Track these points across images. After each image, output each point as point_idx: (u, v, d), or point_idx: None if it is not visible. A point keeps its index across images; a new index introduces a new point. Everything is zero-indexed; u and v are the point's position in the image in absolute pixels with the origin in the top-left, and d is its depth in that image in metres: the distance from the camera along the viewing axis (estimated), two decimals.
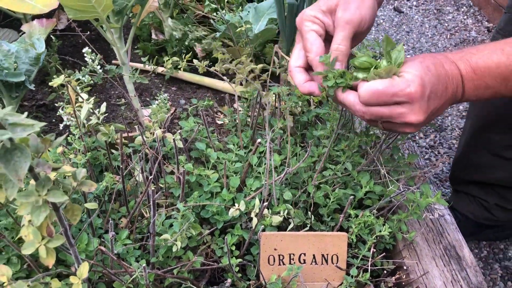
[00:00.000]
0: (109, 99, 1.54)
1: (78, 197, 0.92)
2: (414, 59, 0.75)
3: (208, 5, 1.30)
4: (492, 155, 1.47)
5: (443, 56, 0.78)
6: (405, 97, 0.72)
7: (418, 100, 0.73)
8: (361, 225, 0.93)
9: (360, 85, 0.74)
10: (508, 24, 1.32)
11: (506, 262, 1.65)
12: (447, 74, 0.76)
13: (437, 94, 0.75)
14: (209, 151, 1.07)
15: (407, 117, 0.74)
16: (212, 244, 0.97)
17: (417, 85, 0.71)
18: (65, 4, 1.11)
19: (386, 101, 0.73)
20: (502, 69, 0.76)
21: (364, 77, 0.74)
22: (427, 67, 0.74)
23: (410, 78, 0.72)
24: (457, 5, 3.33)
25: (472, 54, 0.78)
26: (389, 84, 0.72)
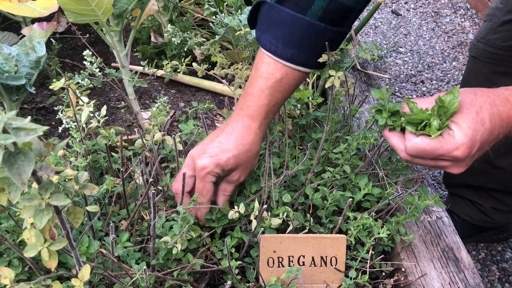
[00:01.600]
0: (109, 102, 1.55)
1: (79, 200, 0.92)
2: (471, 105, 0.73)
3: (207, 8, 1.31)
4: (483, 162, 1.47)
5: (503, 101, 0.75)
6: (451, 158, 0.72)
7: (464, 160, 0.73)
8: (359, 227, 0.93)
9: (408, 138, 0.75)
10: (490, 33, 1.33)
11: (503, 264, 1.66)
12: (502, 124, 0.75)
13: (485, 145, 0.75)
14: None
15: (449, 169, 0.76)
16: (212, 247, 0.98)
17: (465, 148, 0.71)
18: (65, 7, 1.12)
19: (431, 158, 0.74)
20: None
21: (413, 131, 0.74)
22: (482, 122, 0.72)
23: (460, 141, 0.71)
24: (454, 8, 3.35)
25: None
26: (437, 145, 0.71)
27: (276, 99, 0.93)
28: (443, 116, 0.72)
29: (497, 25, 1.30)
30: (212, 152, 0.91)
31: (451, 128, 0.72)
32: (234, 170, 0.93)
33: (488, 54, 1.33)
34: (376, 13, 3.33)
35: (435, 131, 0.71)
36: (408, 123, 0.75)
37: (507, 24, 1.28)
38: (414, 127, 0.74)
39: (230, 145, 0.91)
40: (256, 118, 0.94)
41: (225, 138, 0.92)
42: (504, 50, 1.30)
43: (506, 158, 1.43)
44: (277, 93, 0.93)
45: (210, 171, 0.90)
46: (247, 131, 0.93)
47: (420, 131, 0.73)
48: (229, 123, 0.95)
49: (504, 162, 1.44)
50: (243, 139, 0.92)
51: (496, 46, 1.31)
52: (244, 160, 0.93)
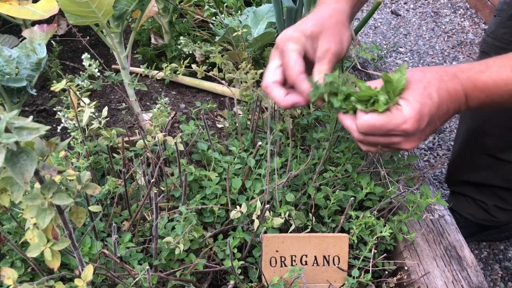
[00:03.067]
0: (110, 103, 1.55)
1: (81, 201, 0.92)
2: (419, 81, 0.75)
3: (207, 9, 1.32)
4: (487, 157, 1.47)
5: (450, 77, 0.77)
6: (401, 132, 0.73)
7: (414, 133, 0.74)
8: (362, 226, 0.93)
9: (359, 116, 0.75)
10: (499, 27, 1.33)
11: (506, 262, 1.65)
12: (450, 98, 0.76)
13: (436, 119, 0.76)
14: (210, 152, 1.07)
15: (402, 145, 0.77)
16: (214, 247, 0.98)
17: (413, 121, 0.72)
18: (66, 9, 1.12)
19: (382, 134, 0.75)
20: (510, 87, 0.76)
21: (362, 109, 0.75)
22: (429, 96, 0.74)
23: (407, 114, 0.72)
24: (454, 7, 3.35)
25: (481, 73, 0.78)
26: (386, 120, 0.73)
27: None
28: (391, 93, 0.73)
29: (506, 19, 1.31)
30: (294, 26, 0.84)
31: (399, 104, 0.73)
32: (320, 38, 0.82)
33: (497, 49, 1.34)
34: (375, 13, 3.33)
35: (382, 105, 0.72)
36: (358, 101, 0.75)
37: None
38: (364, 105, 0.75)
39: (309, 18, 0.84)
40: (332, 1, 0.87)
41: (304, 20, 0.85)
42: None
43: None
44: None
45: (290, 37, 0.81)
46: (326, 6, 0.87)
47: (369, 108, 0.74)
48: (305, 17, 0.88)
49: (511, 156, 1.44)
50: (323, 12, 0.85)
51: (504, 40, 1.31)
52: (327, 24, 0.83)
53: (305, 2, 1.44)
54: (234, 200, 1.02)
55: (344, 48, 0.85)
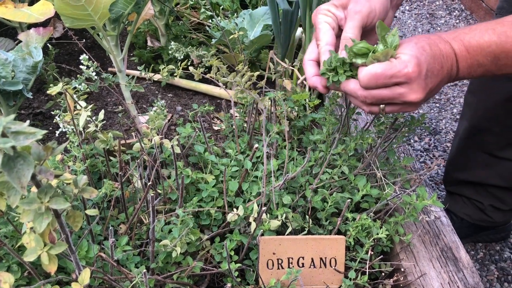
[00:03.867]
0: (106, 106, 1.55)
1: (77, 204, 0.92)
2: (409, 40, 0.78)
3: (203, 12, 1.32)
4: (486, 154, 1.48)
5: (437, 37, 0.81)
6: (404, 77, 0.75)
7: (416, 79, 0.76)
8: (358, 228, 0.94)
9: (360, 70, 0.77)
10: None
11: (502, 263, 1.66)
12: (442, 54, 0.79)
13: (434, 73, 0.78)
14: (207, 155, 1.07)
15: (407, 97, 0.77)
16: (211, 250, 0.98)
17: (413, 65, 0.74)
18: (62, 12, 1.12)
19: (385, 83, 0.76)
20: (493, 48, 0.79)
21: (363, 63, 0.77)
22: (422, 47, 0.76)
23: (406, 59, 0.74)
24: (449, 9, 3.37)
25: (465, 34, 0.81)
26: (387, 66, 0.75)
27: None
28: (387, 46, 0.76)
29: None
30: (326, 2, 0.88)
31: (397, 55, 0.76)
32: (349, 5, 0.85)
33: None
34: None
35: (383, 51, 0.75)
36: (356, 56, 0.77)
37: None
38: (364, 58, 0.76)
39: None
40: None
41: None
42: None
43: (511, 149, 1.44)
44: None
45: (321, 9, 0.85)
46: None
47: (369, 60, 0.76)
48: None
49: (511, 152, 1.45)
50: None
51: None
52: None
53: (301, 5, 1.44)
54: (231, 202, 1.02)
55: (376, 13, 0.85)
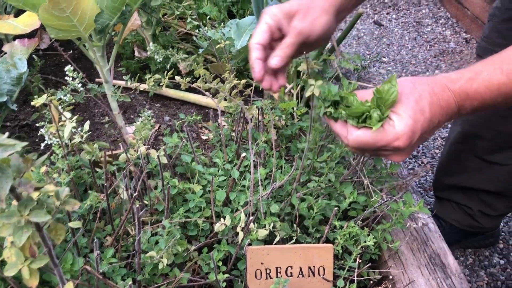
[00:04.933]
0: (93, 117, 1.54)
1: (62, 217, 0.91)
2: (410, 94, 0.74)
3: (190, 22, 1.32)
4: (478, 159, 1.49)
5: (441, 89, 0.76)
6: (393, 148, 0.73)
7: (405, 149, 0.74)
8: (346, 236, 0.94)
9: (350, 131, 0.75)
10: (492, 32, 1.36)
11: (491, 269, 1.67)
12: (442, 112, 0.75)
13: (426, 134, 0.76)
14: (194, 165, 1.07)
15: (391, 158, 0.77)
16: (199, 260, 0.97)
17: (406, 138, 0.72)
18: (47, 23, 1.11)
19: (373, 149, 0.75)
20: (503, 89, 0.75)
21: (355, 125, 0.74)
22: (421, 111, 0.73)
23: (400, 131, 0.71)
24: (435, 17, 3.41)
25: (472, 80, 0.76)
26: (378, 136, 0.72)
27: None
28: (383, 106, 0.72)
29: (498, 24, 1.33)
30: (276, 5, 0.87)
31: (391, 118, 0.73)
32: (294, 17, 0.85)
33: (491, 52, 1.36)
34: (358, 24, 3.37)
35: (376, 123, 0.72)
36: (349, 116, 0.75)
37: (506, 23, 1.31)
38: (355, 120, 0.74)
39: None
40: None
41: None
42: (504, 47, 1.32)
43: (503, 153, 1.45)
44: None
45: (268, 11, 0.85)
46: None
47: (361, 124, 0.74)
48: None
49: (501, 157, 1.46)
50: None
51: (497, 44, 1.34)
52: (306, 6, 0.85)
53: None
54: (219, 212, 1.01)
55: (314, 31, 0.85)
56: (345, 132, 0.77)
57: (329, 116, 0.78)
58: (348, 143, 0.76)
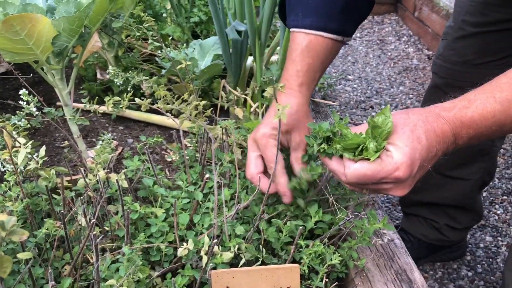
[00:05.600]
0: (54, 141, 1.50)
1: (15, 247, 0.87)
2: (405, 123, 0.74)
3: (151, 43, 1.31)
4: (438, 175, 1.52)
5: (435, 117, 0.76)
6: (393, 179, 0.72)
7: (405, 180, 0.73)
8: (312, 255, 0.92)
9: (347, 165, 0.74)
10: (446, 50, 1.40)
11: (460, 281, 1.68)
12: (438, 140, 0.75)
13: (425, 164, 0.75)
14: (156, 188, 1.04)
15: (393, 192, 0.76)
16: (162, 287, 0.94)
17: (406, 167, 0.71)
18: (1, 47, 1.08)
19: (373, 182, 0.74)
20: (498, 117, 0.74)
21: (351, 158, 0.73)
22: (418, 139, 0.72)
23: (399, 160, 0.71)
24: (398, 35, 3.50)
25: (466, 109, 0.75)
26: (377, 168, 0.71)
27: (307, 64, 0.96)
28: (378, 137, 0.71)
29: (451, 42, 1.37)
30: (266, 123, 0.95)
31: (388, 149, 0.72)
32: (292, 133, 0.95)
33: (446, 70, 1.40)
34: None
35: (373, 153, 0.71)
36: (344, 150, 0.74)
37: (459, 41, 1.35)
38: (352, 153, 0.73)
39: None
40: (292, 85, 0.96)
41: (272, 112, 0.95)
42: (460, 65, 1.36)
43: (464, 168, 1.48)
44: (306, 58, 0.95)
45: (270, 134, 0.93)
46: (288, 97, 0.95)
47: (358, 157, 0.72)
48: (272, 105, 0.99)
49: (462, 173, 1.49)
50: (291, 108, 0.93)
51: (452, 62, 1.37)
52: (296, 119, 0.94)
53: (250, 34, 1.46)
54: (183, 236, 0.99)
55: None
56: (342, 168, 0.76)
57: (322, 154, 0.77)
58: (346, 178, 0.75)
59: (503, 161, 2.21)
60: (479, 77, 1.18)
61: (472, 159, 1.47)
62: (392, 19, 3.73)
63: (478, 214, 1.61)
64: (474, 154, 1.46)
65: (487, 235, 1.85)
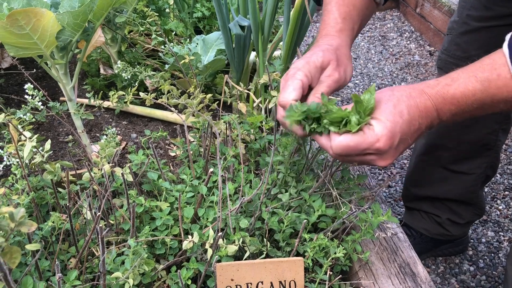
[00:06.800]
0: (58, 136, 1.50)
1: (22, 239, 0.88)
2: (388, 99, 0.77)
3: (155, 38, 1.31)
4: (442, 169, 1.52)
5: (418, 92, 0.79)
6: (375, 150, 0.75)
7: (387, 151, 0.76)
8: (316, 248, 0.93)
9: (333, 138, 0.77)
10: (451, 45, 1.40)
11: (462, 276, 1.69)
12: (421, 114, 0.78)
13: (407, 138, 0.78)
14: (160, 182, 1.05)
15: (376, 163, 0.78)
16: (167, 280, 0.94)
17: (386, 139, 0.74)
18: (5, 41, 1.08)
19: (357, 153, 0.77)
20: (478, 96, 0.78)
21: (336, 131, 0.76)
22: (400, 113, 0.76)
23: (379, 132, 0.74)
24: (400, 31, 3.49)
25: (448, 86, 0.79)
26: (359, 139, 0.75)
27: (345, 12, 0.95)
28: (362, 113, 0.75)
29: (456, 37, 1.37)
30: (304, 57, 0.90)
31: (370, 124, 0.75)
32: (326, 68, 0.90)
33: (450, 65, 1.40)
34: None
35: (355, 126, 0.74)
36: (330, 124, 0.77)
37: (464, 36, 1.35)
38: (337, 127, 0.76)
39: (318, 49, 0.90)
40: (330, 31, 0.94)
41: (313, 51, 0.91)
42: (464, 60, 1.36)
43: (467, 162, 1.48)
44: (342, 7, 0.95)
45: (301, 67, 0.87)
46: (330, 39, 0.93)
47: (342, 129, 0.76)
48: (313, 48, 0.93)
49: (465, 167, 1.49)
50: (329, 43, 0.92)
51: (456, 57, 1.38)
52: (334, 56, 0.90)
53: (253, 29, 1.46)
54: (187, 230, 0.99)
55: (347, 78, 0.92)
56: (329, 143, 0.79)
57: (313, 132, 0.80)
58: (332, 149, 0.78)
59: (505, 157, 2.21)
60: None
61: (476, 153, 1.47)
62: (394, 15, 3.73)
63: (480, 209, 1.61)
64: (478, 149, 1.46)
65: (489, 230, 1.86)
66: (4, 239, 0.51)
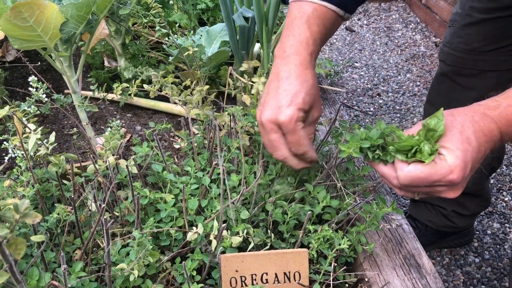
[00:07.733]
0: (62, 129, 1.51)
1: (28, 231, 0.88)
2: (453, 125, 0.73)
3: (158, 30, 1.31)
4: None
5: (481, 116, 0.75)
6: (447, 182, 0.71)
7: (459, 182, 0.72)
8: (320, 240, 0.93)
9: (400, 167, 0.73)
10: (453, 37, 1.39)
11: (467, 267, 1.68)
12: (486, 139, 0.74)
13: (476, 164, 0.74)
14: (165, 174, 1.05)
15: (445, 194, 0.75)
16: (172, 271, 0.95)
17: (459, 170, 0.70)
18: (9, 34, 1.08)
19: (426, 185, 0.73)
20: None
21: (404, 160, 0.72)
22: (468, 140, 0.72)
23: (452, 163, 0.70)
24: (405, 22, 3.47)
25: (510, 107, 0.75)
26: (431, 170, 0.70)
27: (315, 32, 0.91)
28: (431, 140, 0.71)
29: (459, 29, 1.36)
30: (287, 102, 0.86)
31: (440, 153, 0.71)
32: (311, 109, 0.90)
33: (453, 58, 1.39)
34: None
35: (427, 156, 0.70)
36: (397, 152, 0.73)
37: (467, 28, 1.34)
38: (404, 155, 0.72)
39: (297, 86, 0.87)
40: (302, 52, 0.90)
41: (287, 83, 0.88)
42: (467, 53, 1.35)
43: None
44: (313, 26, 0.90)
45: (298, 117, 0.86)
46: (302, 67, 0.89)
47: (411, 159, 0.72)
48: (279, 70, 0.90)
49: None
50: (303, 76, 0.88)
51: (459, 49, 1.36)
52: (314, 94, 0.89)
53: (257, 21, 1.45)
54: (192, 221, 0.99)
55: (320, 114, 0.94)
56: (393, 172, 0.75)
57: (377, 160, 0.76)
58: (399, 180, 0.74)
59: (511, 148, 2.20)
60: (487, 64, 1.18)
61: None
62: (399, 6, 3.70)
63: (486, 200, 1.61)
64: None
65: (495, 221, 1.85)
66: (9, 230, 0.51)
